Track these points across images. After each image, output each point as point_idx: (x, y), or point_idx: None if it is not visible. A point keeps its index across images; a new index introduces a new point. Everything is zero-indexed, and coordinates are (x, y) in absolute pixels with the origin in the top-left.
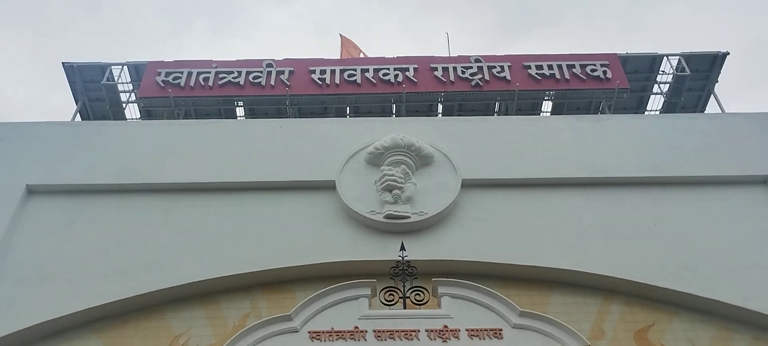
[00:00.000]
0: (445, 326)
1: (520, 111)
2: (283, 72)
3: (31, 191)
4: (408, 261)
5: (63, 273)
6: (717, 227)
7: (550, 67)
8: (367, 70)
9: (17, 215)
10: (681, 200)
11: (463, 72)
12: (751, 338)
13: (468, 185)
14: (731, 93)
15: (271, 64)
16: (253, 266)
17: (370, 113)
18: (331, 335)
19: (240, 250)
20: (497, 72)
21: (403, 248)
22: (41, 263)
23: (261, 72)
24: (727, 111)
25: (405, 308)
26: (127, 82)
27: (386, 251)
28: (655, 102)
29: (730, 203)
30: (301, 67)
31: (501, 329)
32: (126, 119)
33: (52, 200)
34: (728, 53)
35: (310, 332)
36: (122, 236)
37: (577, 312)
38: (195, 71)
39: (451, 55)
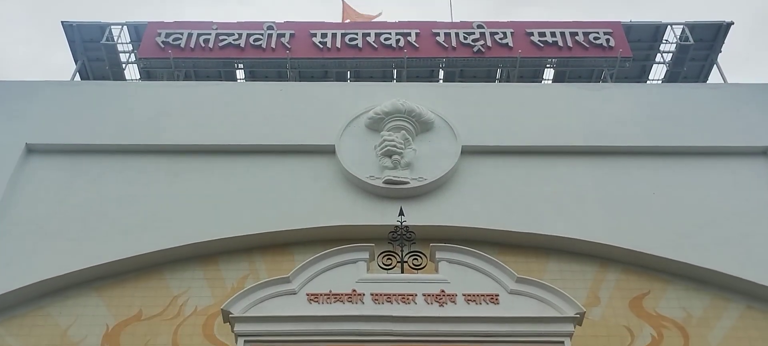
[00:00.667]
0: (442, 291)
1: (522, 78)
2: (283, 35)
3: (31, 150)
4: (406, 226)
5: (63, 232)
6: (716, 197)
7: (553, 34)
8: (369, 35)
9: (16, 174)
10: (681, 169)
11: (465, 38)
12: (744, 307)
13: (468, 151)
14: (735, 63)
15: (272, 26)
16: (253, 228)
17: (370, 78)
18: (329, 298)
19: (239, 212)
20: (499, 38)
21: (401, 213)
22: (41, 221)
23: (262, 34)
24: (729, 82)
25: (402, 272)
26: (126, 43)
27: (385, 215)
28: (658, 71)
29: (729, 174)
30: (302, 30)
31: (497, 295)
32: (125, 80)
33: (51, 159)
34: (733, 23)
35: (308, 295)
36: (122, 197)
37: (573, 279)
38: (195, 33)
39: (454, 21)
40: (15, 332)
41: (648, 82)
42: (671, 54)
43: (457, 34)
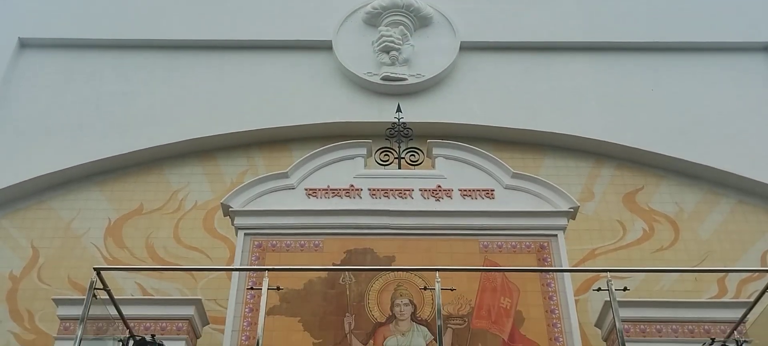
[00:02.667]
0: (439, 186)
1: None
2: None
3: (24, 45)
4: (404, 123)
5: (61, 128)
6: (713, 94)
7: None
8: None
9: (11, 69)
10: (680, 65)
11: None
12: (735, 202)
13: (466, 47)
14: None
15: None
16: (251, 124)
17: None
18: (327, 193)
19: (237, 108)
20: None
21: (399, 110)
22: (39, 117)
23: None
24: None
25: (400, 168)
26: None
27: (382, 112)
28: None
29: (728, 70)
30: None
31: (493, 190)
32: None
33: (46, 54)
34: None
35: (306, 189)
36: (119, 93)
37: (568, 175)
38: None
39: None
40: (18, 224)
41: None
42: None
43: None
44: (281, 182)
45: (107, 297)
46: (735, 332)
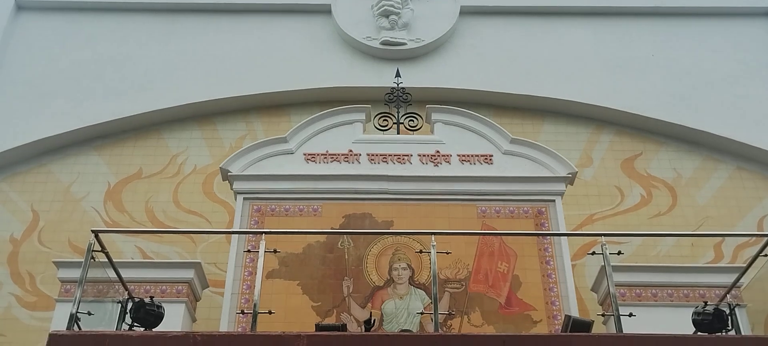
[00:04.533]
0: (437, 152)
1: None
2: None
3: (20, 7)
4: (403, 88)
5: (59, 91)
6: (714, 59)
7: None
8: None
9: (8, 33)
10: (681, 31)
11: None
12: (734, 168)
13: (466, 12)
14: None
15: None
16: (249, 89)
17: None
18: (325, 157)
19: (236, 73)
20: None
21: (398, 75)
22: (36, 81)
23: None
24: None
25: (398, 133)
26: None
27: (381, 77)
28: None
29: (730, 36)
30: None
31: (491, 155)
32: None
33: (43, 16)
34: None
35: (305, 154)
36: (117, 57)
37: (567, 141)
38: None
39: None
40: (18, 188)
41: None
42: None
43: None
44: (280, 146)
45: (107, 260)
46: (729, 295)
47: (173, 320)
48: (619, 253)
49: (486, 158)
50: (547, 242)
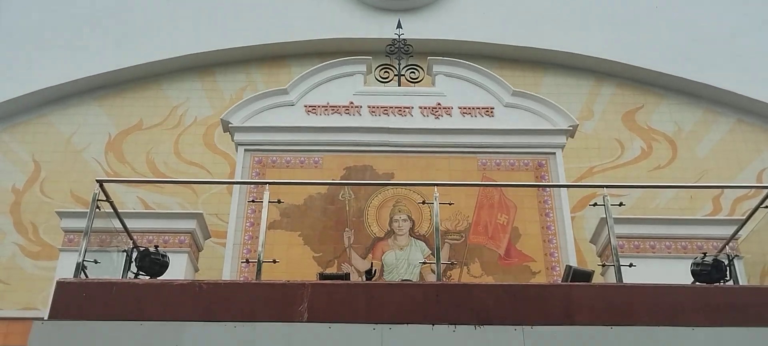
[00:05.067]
0: (438, 104)
1: None
2: None
3: None
4: (404, 39)
5: (58, 41)
6: (717, 12)
7: None
8: None
9: None
10: None
11: None
12: (734, 121)
13: None
14: None
15: None
16: (249, 39)
17: None
18: (326, 109)
19: (236, 23)
20: None
21: (399, 26)
22: (35, 31)
23: None
24: None
25: (399, 85)
26: None
27: (383, 28)
28: None
29: None
30: None
31: (493, 108)
32: None
33: None
34: None
35: (306, 106)
36: (117, 6)
37: (568, 93)
38: None
39: None
40: (19, 139)
41: None
42: None
43: None
44: (281, 98)
45: (111, 210)
46: (727, 247)
47: (176, 270)
48: (621, 204)
49: (487, 111)
50: (547, 195)
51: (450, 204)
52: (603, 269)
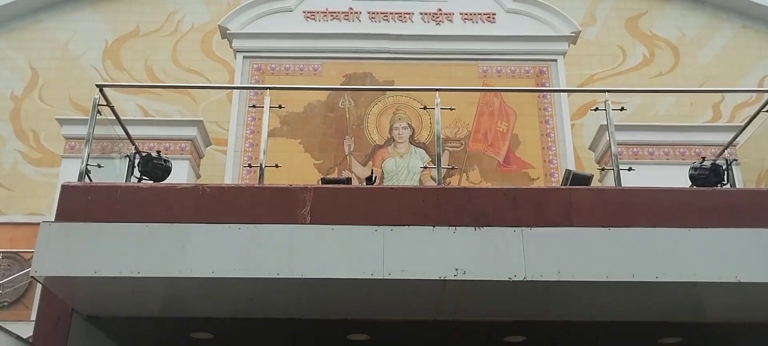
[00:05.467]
0: (439, 10)
1: None
2: None
3: None
4: None
5: None
6: None
7: None
8: None
9: None
10: None
11: None
12: (739, 26)
13: None
14: None
15: None
16: None
17: None
18: (325, 15)
19: None
20: None
21: None
22: None
23: None
24: None
25: None
26: None
27: None
28: None
29: None
30: None
31: (494, 14)
32: None
33: None
34: None
35: (304, 12)
36: None
37: None
38: None
39: None
40: (15, 45)
41: None
42: None
43: None
44: (279, 3)
45: (112, 117)
46: (725, 152)
47: (178, 177)
48: (622, 109)
49: (489, 17)
50: (547, 102)
51: (451, 109)
52: (602, 175)
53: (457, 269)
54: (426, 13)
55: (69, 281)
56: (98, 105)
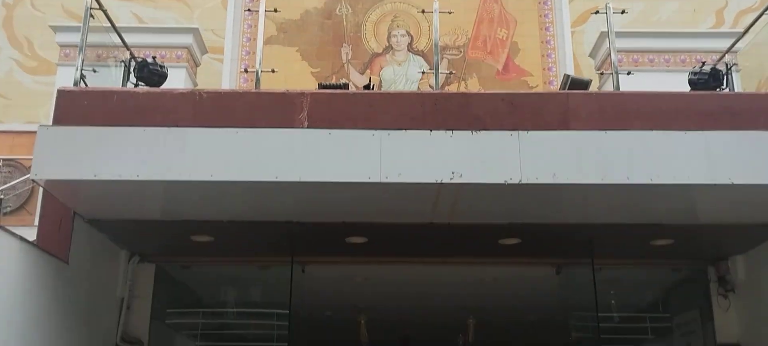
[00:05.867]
0: None
1: None
2: None
3: None
4: None
5: None
6: None
7: None
8: None
9: None
10: None
11: None
12: None
13: None
14: None
15: None
16: None
17: None
18: None
19: None
20: None
21: None
22: None
23: None
24: None
25: None
26: None
27: None
28: None
29: None
30: None
31: None
32: None
33: None
34: None
35: None
36: None
37: None
38: None
39: None
40: None
41: None
42: None
43: None
44: None
45: (106, 23)
46: (725, 57)
47: (175, 84)
48: (623, 12)
49: None
50: (548, 8)
51: (450, 13)
52: (601, 81)
53: (453, 173)
54: None
55: (69, 185)
56: (90, 8)
